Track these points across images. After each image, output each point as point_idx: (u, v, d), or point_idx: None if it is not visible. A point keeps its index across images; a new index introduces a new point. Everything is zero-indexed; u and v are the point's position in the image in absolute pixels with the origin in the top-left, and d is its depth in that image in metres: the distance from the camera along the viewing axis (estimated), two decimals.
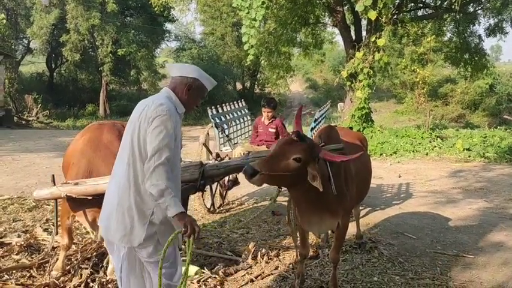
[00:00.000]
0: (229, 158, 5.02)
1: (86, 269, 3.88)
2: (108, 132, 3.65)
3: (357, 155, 3.19)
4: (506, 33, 17.75)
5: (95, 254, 4.20)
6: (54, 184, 3.44)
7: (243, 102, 7.79)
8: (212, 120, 6.24)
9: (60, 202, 3.80)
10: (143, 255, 2.56)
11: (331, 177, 3.23)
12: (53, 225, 5.03)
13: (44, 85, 28.16)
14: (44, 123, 20.30)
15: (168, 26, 29.86)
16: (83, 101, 26.96)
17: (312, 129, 6.20)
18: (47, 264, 3.99)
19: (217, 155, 5.24)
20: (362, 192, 4.27)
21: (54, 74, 29.09)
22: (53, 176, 3.48)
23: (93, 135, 3.70)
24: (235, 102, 7.49)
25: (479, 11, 17.47)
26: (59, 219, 3.83)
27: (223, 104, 6.96)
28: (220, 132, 6.31)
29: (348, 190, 3.52)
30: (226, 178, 5.78)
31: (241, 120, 7.31)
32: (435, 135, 13.38)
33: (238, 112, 7.27)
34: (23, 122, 19.60)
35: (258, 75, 33.29)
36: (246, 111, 7.69)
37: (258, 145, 5.84)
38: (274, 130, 6.07)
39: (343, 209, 3.53)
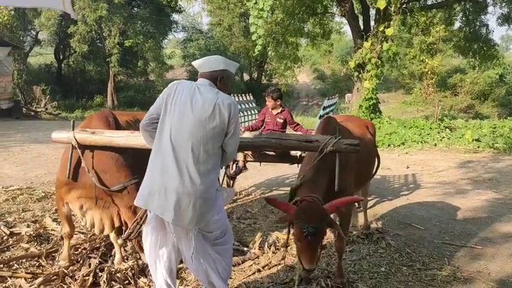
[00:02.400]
0: None
1: (95, 258, 3.91)
2: (96, 120, 3.79)
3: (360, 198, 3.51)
4: None
5: (103, 243, 4.23)
6: (73, 129, 3.50)
7: (251, 96, 7.75)
8: None
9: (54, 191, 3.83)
10: (210, 237, 2.86)
11: (337, 173, 3.24)
12: None
13: (52, 76, 28.31)
14: (53, 115, 20.40)
15: (175, 16, 29.82)
16: (91, 92, 27.07)
17: (321, 117, 6.17)
18: (56, 254, 4.04)
19: None
20: (364, 177, 4.34)
21: (62, 65, 29.20)
22: (73, 121, 3.55)
23: (85, 124, 3.87)
24: (242, 94, 7.45)
25: (489, 0, 17.22)
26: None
27: (231, 95, 6.94)
28: None
29: (348, 179, 3.57)
30: (234, 166, 5.74)
31: (249, 113, 7.28)
32: (444, 126, 13.27)
33: (245, 104, 7.24)
34: (32, 113, 19.71)
35: (266, 66, 33.15)
36: (254, 104, 7.65)
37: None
38: (282, 121, 6.02)
39: (342, 194, 3.51)
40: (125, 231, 3.46)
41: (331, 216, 3.12)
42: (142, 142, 3.31)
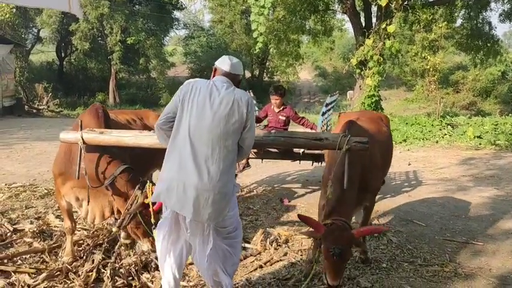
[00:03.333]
0: None
1: (98, 254, 3.94)
2: (88, 114, 3.87)
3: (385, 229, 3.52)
4: None
5: (106, 239, 4.26)
6: (81, 129, 3.52)
7: (251, 93, 7.73)
8: None
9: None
10: (223, 232, 2.91)
11: (346, 171, 3.27)
12: None
13: (54, 74, 28.33)
14: (55, 112, 20.42)
15: (177, 14, 29.79)
16: (92, 89, 27.08)
17: (323, 113, 6.17)
18: (59, 249, 4.07)
19: None
20: (386, 169, 4.56)
21: (64, 62, 29.22)
22: (81, 121, 3.57)
23: (79, 119, 3.90)
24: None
25: None
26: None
27: None
28: None
29: (372, 173, 3.77)
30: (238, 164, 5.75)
31: None
32: (445, 123, 13.26)
33: None
34: (34, 111, 19.73)
35: (267, 63, 33.11)
36: (254, 101, 7.63)
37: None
38: (284, 118, 6.05)
39: (370, 192, 3.86)
40: (118, 220, 3.54)
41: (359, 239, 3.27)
42: (151, 141, 3.42)
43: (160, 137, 3.04)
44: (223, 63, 3.02)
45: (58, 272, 3.63)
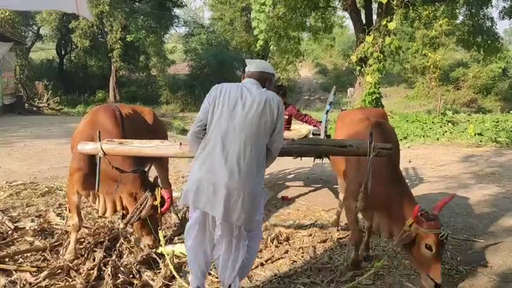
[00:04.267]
0: None
1: (99, 252, 3.93)
2: (102, 113, 3.97)
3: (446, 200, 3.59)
4: None
5: (107, 237, 4.26)
6: (100, 140, 3.53)
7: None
8: None
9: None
10: (248, 236, 2.92)
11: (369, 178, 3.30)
12: (65, 210, 5.14)
13: (54, 72, 28.30)
14: (55, 110, 20.42)
15: (177, 11, 29.74)
16: (92, 87, 27.06)
17: (327, 111, 6.16)
18: (60, 247, 4.06)
19: None
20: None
21: (64, 60, 29.18)
22: (99, 132, 3.57)
23: (92, 117, 4.05)
24: None
25: None
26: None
27: None
28: None
29: None
30: None
31: None
32: (446, 120, 13.26)
33: None
34: (34, 109, 19.73)
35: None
36: None
37: None
38: (287, 117, 6.05)
39: None
40: (126, 216, 3.71)
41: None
42: (172, 151, 3.53)
43: (194, 145, 3.01)
44: (248, 65, 3.09)
45: (59, 270, 3.63)
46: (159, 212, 3.58)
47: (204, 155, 2.85)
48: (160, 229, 3.60)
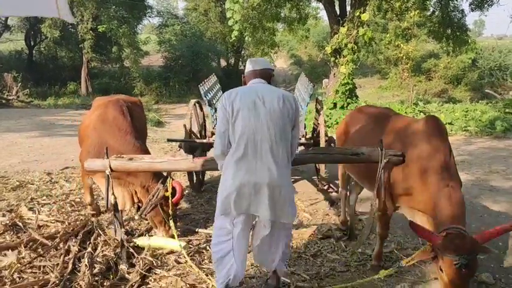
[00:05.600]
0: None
1: (74, 246, 3.89)
2: (113, 109, 4.25)
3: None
4: (491, 5, 17.66)
5: (81, 231, 4.22)
6: (107, 157, 3.48)
7: (215, 76, 7.58)
8: (205, 98, 6.11)
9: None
10: (284, 225, 3.00)
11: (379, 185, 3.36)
12: (38, 204, 5.05)
13: (23, 63, 27.46)
14: (25, 102, 19.88)
15: (150, 1, 29.46)
16: (63, 79, 26.39)
17: (307, 104, 6.17)
18: (34, 243, 3.99)
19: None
20: None
21: (34, 51, 28.34)
22: (107, 148, 3.52)
23: (102, 111, 4.29)
24: (209, 77, 7.25)
25: None
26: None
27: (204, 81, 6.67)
28: (213, 110, 6.25)
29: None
30: None
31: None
32: (418, 110, 13.53)
33: (217, 85, 7.32)
34: (3, 101, 19.14)
35: (243, 52, 32.91)
36: (218, 85, 7.53)
37: None
38: None
39: None
40: (140, 208, 4.04)
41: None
42: (185, 166, 3.67)
43: (221, 161, 2.98)
44: (248, 65, 3.09)
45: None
46: (170, 202, 3.80)
47: (235, 160, 2.81)
48: (171, 219, 3.78)
